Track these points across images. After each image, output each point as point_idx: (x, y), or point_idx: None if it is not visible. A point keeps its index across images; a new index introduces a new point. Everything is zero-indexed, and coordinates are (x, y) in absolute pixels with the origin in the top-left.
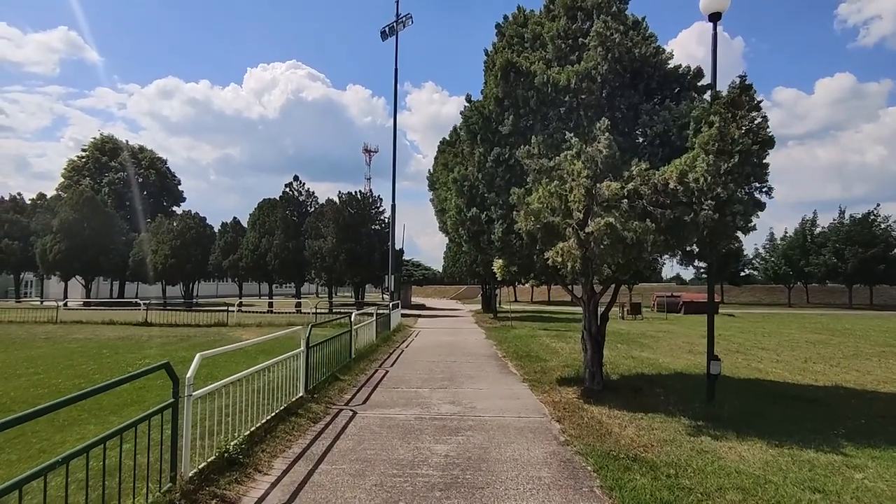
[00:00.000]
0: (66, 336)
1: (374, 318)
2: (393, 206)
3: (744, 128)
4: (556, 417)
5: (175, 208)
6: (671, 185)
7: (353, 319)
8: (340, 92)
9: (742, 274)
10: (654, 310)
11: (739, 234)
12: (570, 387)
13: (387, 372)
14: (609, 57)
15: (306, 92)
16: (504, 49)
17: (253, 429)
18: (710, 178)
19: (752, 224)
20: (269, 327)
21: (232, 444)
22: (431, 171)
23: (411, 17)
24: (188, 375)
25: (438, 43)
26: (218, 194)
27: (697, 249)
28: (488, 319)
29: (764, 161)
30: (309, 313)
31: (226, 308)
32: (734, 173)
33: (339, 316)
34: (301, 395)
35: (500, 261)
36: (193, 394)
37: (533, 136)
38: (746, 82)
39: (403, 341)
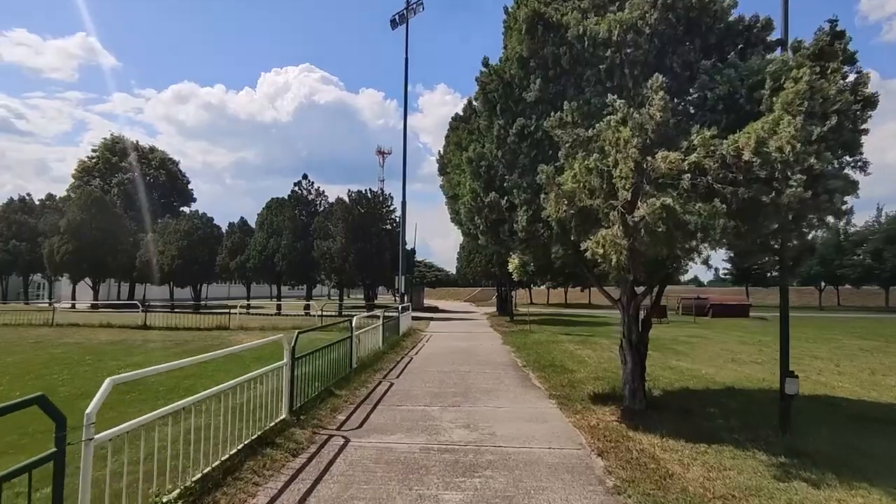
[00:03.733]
0: (56, 340)
1: (381, 321)
2: (403, 204)
3: (837, 84)
4: (596, 449)
5: (185, 209)
6: (746, 157)
7: (354, 324)
8: (353, 95)
9: (769, 275)
10: (679, 312)
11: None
12: (607, 405)
13: (391, 385)
14: (659, 4)
15: (319, 95)
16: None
17: (207, 470)
18: (798, 145)
19: (849, 206)
20: (273, 331)
21: (164, 500)
22: (442, 152)
23: (422, 3)
24: (88, 411)
25: (451, 45)
26: (233, 198)
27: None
28: (504, 323)
29: (861, 127)
30: (316, 316)
31: (228, 311)
32: (829, 140)
33: (344, 319)
34: (283, 417)
35: (516, 260)
36: (97, 436)
37: (565, 103)
38: (838, 28)
39: (413, 347)
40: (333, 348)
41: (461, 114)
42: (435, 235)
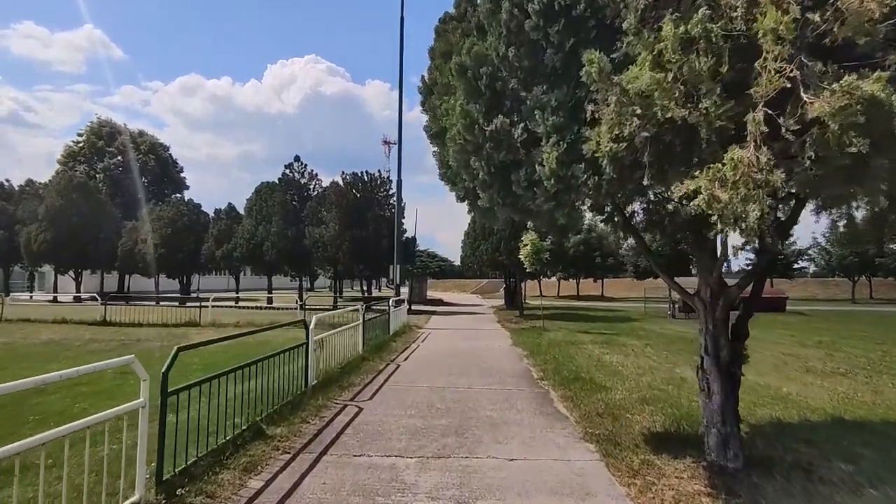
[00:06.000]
0: None
1: (361, 319)
2: (399, 183)
3: None
4: None
5: (178, 196)
6: None
7: (312, 326)
8: (360, 86)
9: (795, 266)
10: None
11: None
12: (678, 457)
13: (358, 412)
14: None
15: (325, 86)
16: None
17: None
18: None
19: None
20: (248, 326)
21: None
22: (426, 75)
23: None
24: None
25: None
26: (238, 190)
27: None
28: (513, 318)
29: None
30: (313, 309)
31: (199, 304)
32: None
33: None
34: (134, 499)
35: (529, 246)
36: None
37: None
38: None
39: (403, 351)
40: (274, 362)
41: (452, 12)
42: (442, 228)
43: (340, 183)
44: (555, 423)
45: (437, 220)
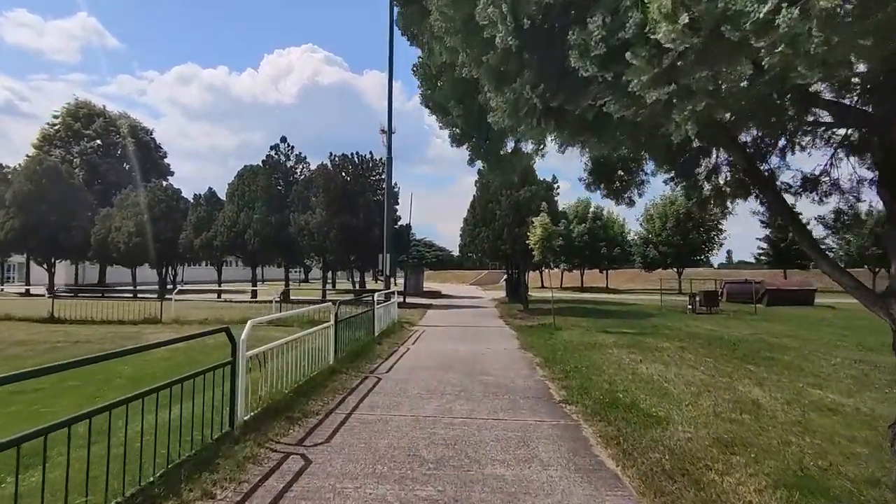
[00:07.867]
0: None
1: (333, 321)
2: (389, 161)
3: None
4: None
5: (157, 181)
6: None
7: (243, 337)
8: (358, 76)
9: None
10: (724, 300)
11: None
12: None
13: (303, 468)
14: None
15: (323, 76)
16: None
17: None
18: None
19: None
20: (216, 324)
21: None
22: None
23: None
24: None
25: None
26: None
27: None
28: (517, 313)
29: None
30: (297, 302)
31: (161, 298)
32: None
33: (302, 310)
34: None
35: (539, 231)
36: None
37: None
38: None
39: (389, 356)
40: (174, 393)
41: None
42: (443, 220)
43: (329, 165)
44: (604, 494)
45: (438, 211)
